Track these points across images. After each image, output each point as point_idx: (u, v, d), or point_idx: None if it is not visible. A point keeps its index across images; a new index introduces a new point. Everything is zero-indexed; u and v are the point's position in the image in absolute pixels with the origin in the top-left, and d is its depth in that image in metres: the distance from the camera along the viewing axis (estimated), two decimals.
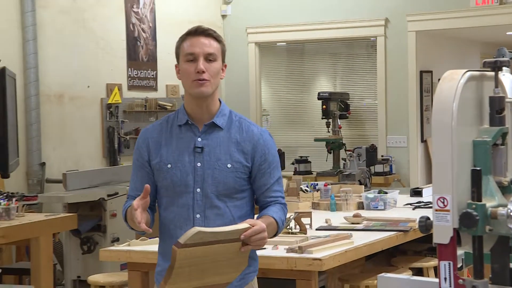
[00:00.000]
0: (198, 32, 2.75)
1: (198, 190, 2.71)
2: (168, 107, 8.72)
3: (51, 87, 7.49)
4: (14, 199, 5.47)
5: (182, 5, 9.24)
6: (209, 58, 2.71)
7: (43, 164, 7.35)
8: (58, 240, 6.93)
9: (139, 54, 8.65)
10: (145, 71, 8.73)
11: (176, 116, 2.82)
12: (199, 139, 2.74)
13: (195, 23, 9.42)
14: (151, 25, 8.79)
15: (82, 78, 7.79)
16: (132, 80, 8.53)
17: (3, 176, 6.02)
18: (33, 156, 7.27)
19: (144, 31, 8.71)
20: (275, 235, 2.77)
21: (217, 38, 2.77)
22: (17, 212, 5.29)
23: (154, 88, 8.85)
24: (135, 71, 8.58)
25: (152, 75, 8.82)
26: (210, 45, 2.73)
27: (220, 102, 2.84)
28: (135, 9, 8.55)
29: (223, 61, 2.80)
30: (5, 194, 5.83)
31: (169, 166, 2.74)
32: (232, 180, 2.73)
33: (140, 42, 8.64)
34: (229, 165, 2.72)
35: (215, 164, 2.71)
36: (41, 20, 7.30)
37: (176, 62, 2.84)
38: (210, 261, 2.41)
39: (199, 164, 2.72)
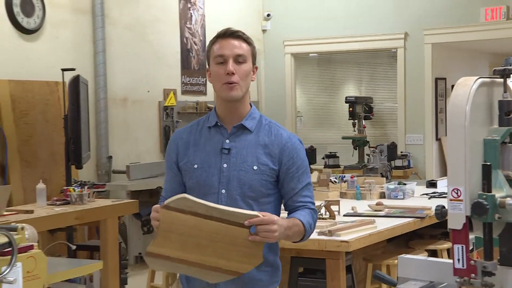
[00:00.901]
0: (227, 34, 2.44)
1: (223, 191, 2.38)
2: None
3: (117, 92, 7.57)
4: (86, 187, 5.57)
5: (229, 21, 9.24)
6: (238, 60, 2.39)
7: (110, 157, 7.45)
8: (123, 222, 7.02)
9: (191, 63, 8.70)
10: (196, 78, 8.78)
11: (207, 119, 2.50)
12: (227, 141, 2.41)
13: None
14: (201, 38, 8.84)
15: (143, 84, 7.86)
16: (185, 86, 8.59)
17: (77, 167, 6.11)
18: (101, 151, 7.37)
19: (195, 44, 8.75)
20: (302, 239, 2.44)
21: (247, 40, 2.46)
22: (88, 198, 5.37)
23: (204, 93, 8.89)
24: (188, 78, 8.63)
25: (202, 81, 8.86)
26: (239, 46, 2.41)
27: (251, 105, 2.52)
28: (188, 25, 8.61)
29: (253, 63, 2.47)
30: (78, 183, 5.95)
31: (195, 166, 2.42)
32: (258, 182, 2.38)
33: (192, 53, 8.70)
34: (255, 167, 2.37)
35: (241, 165, 2.38)
36: (109, 35, 7.38)
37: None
38: (208, 238, 2.11)
39: (225, 165, 2.39)
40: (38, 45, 6.77)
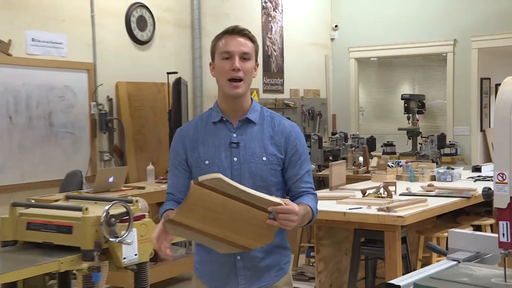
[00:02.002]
0: (235, 31, 2.17)
1: None
2: (291, 105, 8.75)
3: (211, 90, 7.65)
4: None
5: (302, 32, 9.23)
6: (244, 57, 2.12)
7: None
8: None
9: (271, 67, 8.71)
10: (275, 79, 8.79)
11: (210, 114, 2.20)
12: (234, 135, 2.13)
13: (311, 45, 9.56)
14: (279, 46, 8.83)
15: None
16: (266, 86, 8.61)
17: None
18: None
19: (275, 51, 8.76)
20: (309, 223, 2.17)
21: (252, 38, 2.19)
22: None
23: (281, 91, 8.88)
24: (268, 79, 8.65)
25: (280, 82, 8.86)
26: (245, 44, 2.14)
27: (252, 99, 2.23)
28: (269, 35, 8.62)
29: (255, 60, 2.19)
30: None
31: (207, 162, 2.13)
32: (268, 172, 2.13)
33: (272, 59, 8.71)
34: (264, 158, 2.11)
35: (251, 158, 2.12)
36: (204, 44, 7.46)
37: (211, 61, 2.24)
38: (229, 215, 1.91)
39: (235, 159, 2.12)
40: (149, 53, 6.93)
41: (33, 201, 4.19)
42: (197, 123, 2.20)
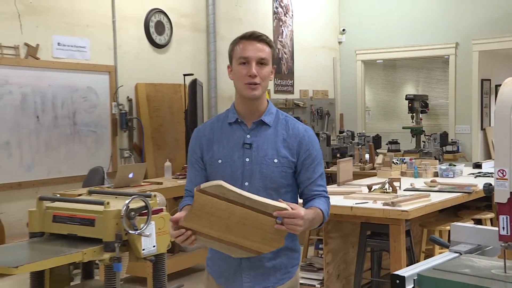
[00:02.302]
0: (252, 37, 2.04)
1: (246, 183, 2.03)
2: (300, 104, 8.73)
3: (224, 91, 7.67)
4: None
5: (312, 36, 9.20)
6: (260, 62, 2.02)
7: None
8: None
9: (282, 69, 8.69)
10: (286, 80, 8.77)
11: (226, 115, 2.12)
12: (248, 136, 2.05)
13: (320, 48, 9.52)
14: (290, 49, 8.81)
15: None
16: (277, 86, 8.59)
17: None
18: None
19: (285, 53, 8.74)
20: (320, 226, 2.07)
21: (269, 44, 2.07)
22: None
23: (292, 92, 8.87)
24: (279, 80, 8.64)
25: (290, 83, 8.84)
26: (263, 50, 2.03)
27: (268, 102, 2.14)
28: (280, 39, 8.61)
29: (273, 64, 2.10)
30: None
31: (219, 161, 2.06)
32: (279, 174, 2.03)
33: (282, 61, 8.69)
34: (275, 160, 2.02)
35: (263, 159, 2.03)
36: (219, 47, 7.48)
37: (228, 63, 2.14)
38: (236, 221, 1.85)
39: (247, 160, 2.03)
40: (166, 56, 6.95)
41: (58, 195, 4.22)
42: (213, 123, 2.13)
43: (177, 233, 1.85)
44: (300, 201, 2.12)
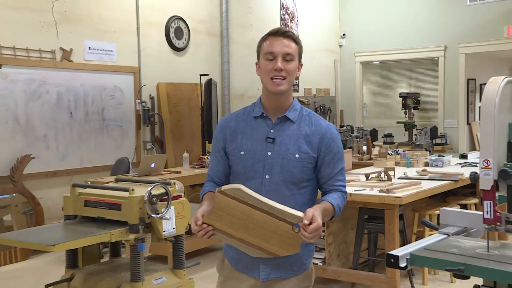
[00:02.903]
0: (279, 33, 1.89)
1: (267, 176, 1.86)
2: (305, 101, 8.68)
3: (237, 90, 7.66)
4: None
5: (315, 40, 9.15)
6: (286, 58, 1.86)
7: None
8: None
9: None
10: None
11: (252, 109, 1.95)
12: (272, 131, 1.88)
13: (322, 50, 9.46)
14: None
15: (254, 84, 7.88)
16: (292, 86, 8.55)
17: (209, 142, 6.15)
18: None
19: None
20: (331, 219, 1.90)
21: (296, 40, 1.91)
22: None
23: (297, 90, 8.84)
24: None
25: (296, 82, 8.76)
26: (289, 45, 1.87)
27: (293, 98, 1.98)
28: None
29: (299, 60, 1.94)
30: (210, 153, 5.97)
31: (242, 153, 1.89)
32: (299, 169, 1.86)
33: None
34: (297, 155, 1.85)
35: (284, 154, 1.86)
36: (231, 50, 7.47)
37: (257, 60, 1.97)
38: (255, 223, 1.74)
39: (269, 153, 1.87)
40: (184, 58, 6.95)
41: (89, 182, 4.24)
42: (239, 115, 1.97)
43: (198, 229, 1.78)
44: (319, 193, 1.99)
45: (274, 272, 1.88)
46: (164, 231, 2.78)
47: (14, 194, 5.13)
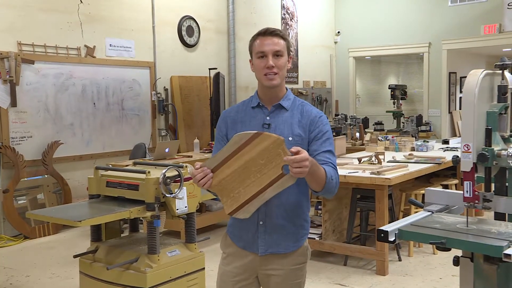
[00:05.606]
0: (267, 32, 1.86)
1: None
2: (303, 92, 8.65)
3: (242, 82, 7.63)
4: None
5: (313, 36, 9.08)
6: (276, 54, 1.84)
7: None
8: None
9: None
10: (291, 73, 8.68)
11: (250, 100, 1.94)
12: (268, 118, 1.87)
13: (319, 46, 9.39)
14: (295, 48, 8.71)
15: None
16: (284, 78, 8.51)
17: None
18: None
19: (291, 51, 8.63)
20: (323, 189, 1.72)
21: (283, 37, 1.87)
22: None
23: (296, 82, 8.78)
24: (286, 73, 8.53)
25: (295, 75, 8.75)
26: (277, 43, 1.84)
27: (287, 89, 1.95)
28: None
29: (288, 54, 1.90)
30: None
31: None
32: None
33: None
34: (290, 138, 1.80)
35: None
36: (238, 47, 7.42)
37: (250, 58, 1.93)
38: (245, 171, 1.65)
39: None
40: (195, 54, 6.91)
41: (110, 165, 4.26)
42: (239, 107, 1.97)
43: (199, 171, 1.69)
44: None
45: (272, 247, 1.85)
46: (177, 209, 2.79)
47: (46, 176, 5.17)
